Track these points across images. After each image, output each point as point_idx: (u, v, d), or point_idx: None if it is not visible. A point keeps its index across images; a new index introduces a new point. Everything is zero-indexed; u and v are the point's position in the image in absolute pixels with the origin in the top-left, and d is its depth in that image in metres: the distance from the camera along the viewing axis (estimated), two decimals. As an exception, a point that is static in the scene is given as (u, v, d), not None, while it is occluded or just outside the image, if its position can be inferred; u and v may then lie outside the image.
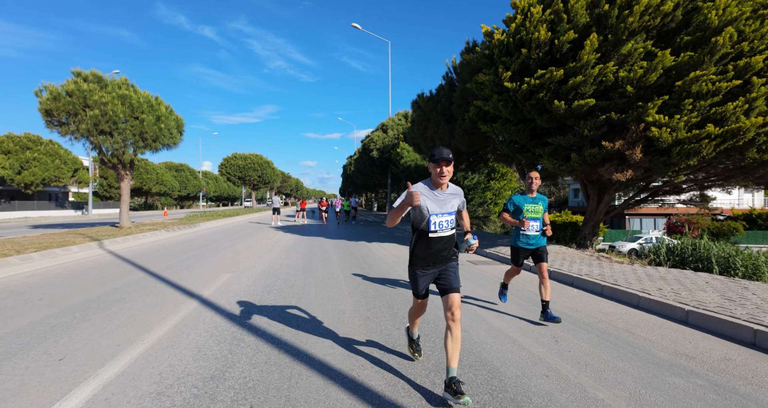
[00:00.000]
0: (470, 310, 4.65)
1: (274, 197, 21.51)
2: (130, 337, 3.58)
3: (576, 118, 8.11)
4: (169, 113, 15.17)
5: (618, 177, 7.41)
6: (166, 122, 14.64)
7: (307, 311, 4.44)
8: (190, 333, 3.68)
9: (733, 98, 6.54)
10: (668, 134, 6.69)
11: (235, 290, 5.40)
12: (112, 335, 3.62)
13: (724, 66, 6.65)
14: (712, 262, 9.16)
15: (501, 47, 8.81)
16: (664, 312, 4.54)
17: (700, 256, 9.48)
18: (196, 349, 3.31)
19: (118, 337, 3.56)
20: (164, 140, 14.78)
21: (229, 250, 9.67)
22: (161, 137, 14.60)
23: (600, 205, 9.88)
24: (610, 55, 7.49)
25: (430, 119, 12.00)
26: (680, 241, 10.22)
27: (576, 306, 4.96)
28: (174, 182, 57.53)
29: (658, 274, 6.26)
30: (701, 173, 8.59)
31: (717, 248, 9.57)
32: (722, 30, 6.42)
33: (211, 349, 3.31)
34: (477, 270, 7.52)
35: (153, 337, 3.55)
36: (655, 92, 7.23)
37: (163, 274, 6.49)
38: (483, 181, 20.18)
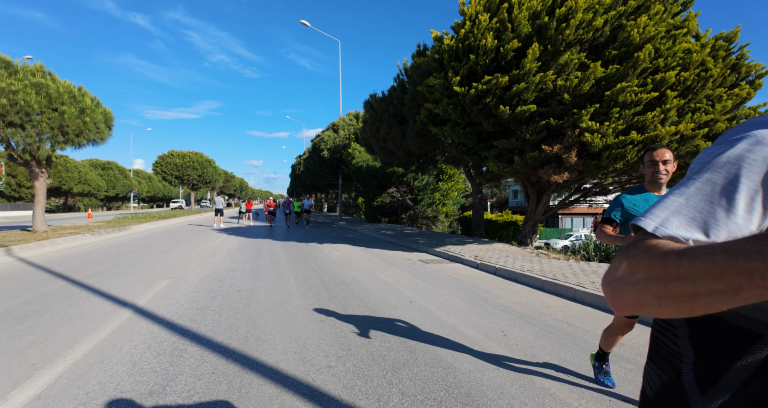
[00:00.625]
0: (424, 308, 4.70)
1: (217, 198, 20.40)
2: (49, 354, 3.16)
3: (519, 122, 8.56)
4: (95, 106, 13.78)
5: (556, 179, 7.94)
6: (91, 115, 13.28)
7: (257, 316, 4.23)
8: (124, 346, 3.33)
9: (651, 108, 7.28)
10: (599, 140, 7.29)
11: (174, 297, 5.01)
12: (25, 354, 3.17)
13: (644, 79, 7.39)
14: None
15: (450, 52, 9.07)
16: (597, 304, 4.92)
17: None
18: (131, 363, 3.00)
19: (32, 356, 3.13)
20: (89, 135, 13.40)
21: (166, 255, 8.98)
22: (86, 132, 13.22)
23: (539, 205, 10.53)
24: (550, 65, 8.00)
25: (383, 120, 12.06)
26: None
27: (521, 300, 5.21)
28: (100, 181, 52.56)
29: (591, 269, 6.79)
30: (624, 176, 9.46)
31: None
32: (643, 46, 7.12)
33: (149, 362, 3.02)
34: (429, 269, 7.66)
35: (78, 354, 3.17)
36: (588, 100, 7.84)
37: (90, 282, 5.85)
38: (432, 182, 20.70)
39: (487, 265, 7.58)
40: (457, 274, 7.18)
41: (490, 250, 9.49)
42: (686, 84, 6.98)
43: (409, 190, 20.88)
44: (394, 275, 6.88)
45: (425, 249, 10.47)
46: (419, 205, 20.68)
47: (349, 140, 22.17)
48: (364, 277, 6.69)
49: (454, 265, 8.17)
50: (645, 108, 7.33)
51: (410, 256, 9.42)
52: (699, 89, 7.07)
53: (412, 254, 9.87)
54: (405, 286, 5.95)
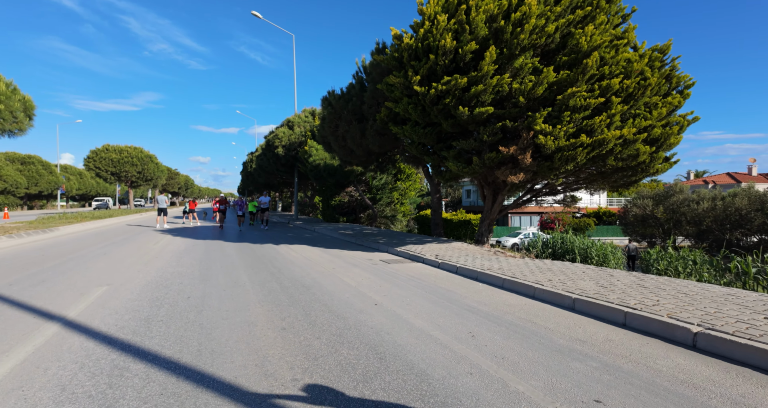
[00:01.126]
0: (390, 311, 4.59)
1: (159, 196, 19.01)
2: (-47, 383, 2.65)
3: (477, 124, 8.72)
4: (11, 92, 12.21)
5: (512, 179, 8.19)
6: (6, 103, 11.75)
7: (210, 326, 3.88)
8: (50, 367, 2.88)
9: (598, 113, 7.73)
10: (552, 142, 7.60)
11: (113, 307, 4.48)
12: None
13: (592, 85, 7.82)
14: (575, 253, 10.89)
15: (410, 51, 9.04)
16: (555, 301, 5.09)
17: (566, 248, 11.16)
18: (59, 387, 2.58)
19: (-69, 386, 2.60)
20: (5, 125, 11.86)
21: (103, 259, 8.12)
22: (0, 121, 11.67)
23: (494, 205, 10.84)
24: (505, 68, 8.22)
25: (342, 118, 11.81)
26: (551, 236, 11.88)
27: (484, 300, 5.27)
28: (19, 177, 47.19)
29: (546, 266, 7.06)
30: (572, 177, 10.00)
31: (578, 241, 11.37)
32: (590, 54, 7.52)
33: (82, 385, 2.62)
34: (391, 269, 7.57)
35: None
36: (542, 104, 8.16)
37: (3, 292, 5.09)
38: (390, 182, 20.72)
39: (449, 265, 7.63)
40: (419, 273, 7.16)
41: (449, 249, 9.60)
42: (628, 91, 7.48)
43: (368, 189, 20.76)
44: (357, 276, 6.71)
45: (386, 249, 10.39)
46: (378, 204, 20.63)
47: (305, 137, 21.60)
48: (325, 279, 6.46)
49: (415, 265, 8.15)
50: (593, 113, 7.75)
51: (371, 257, 9.29)
52: (639, 96, 7.61)
53: (374, 254, 9.75)
54: (369, 288, 5.81)
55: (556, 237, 11.48)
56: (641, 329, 3.95)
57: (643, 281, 5.60)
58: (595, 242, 11.32)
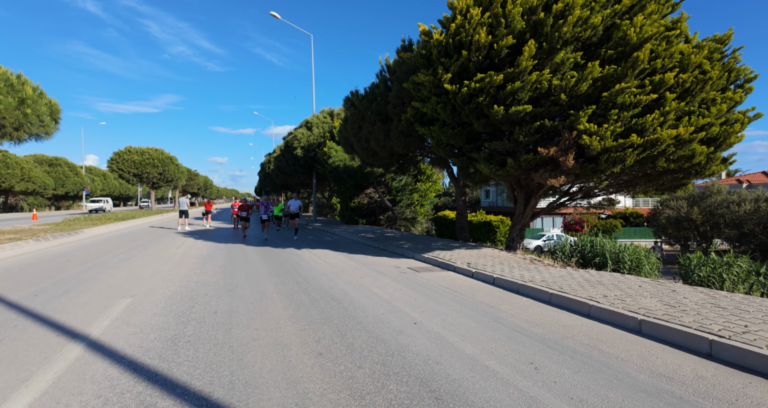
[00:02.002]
0: (433, 332, 4.16)
1: (181, 198, 19.00)
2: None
3: (512, 123, 8.20)
4: (38, 96, 12.27)
5: (552, 182, 7.64)
6: (33, 107, 11.79)
7: (242, 350, 3.53)
8: (71, 403, 2.56)
9: (649, 111, 7.11)
10: (598, 142, 7.03)
11: (137, 323, 4.19)
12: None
13: (642, 80, 7.21)
14: (606, 258, 10.23)
15: (440, 48, 8.58)
16: (616, 322, 4.56)
17: (596, 252, 10.50)
18: (78, 433, 2.26)
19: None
20: (31, 129, 11.92)
21: (126, 265, 7.95)
22: (27, 125, 11.74)
23: (527, 208, 10.28)
24: (545, 63, 7.68)
25: (365, 118, 11.44)
26: (580, 239, 11.23)
27: (534, 318, 4.78)
28: (47, 179, 48.56)
29: (594, 279, 6.50)
30: (613, 180, 9.36)
31: (609, 245, 10.69)
32: (641, 46, 6.92)
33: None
34: (422, 279, 7.13)
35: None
36: (585, 101, 7.59)
37: (28, 304, 4.88)
38: (410, 183, 20.26)
39: (484, 274, 7.15)
40: (453, 284, 6.70)
41: (481, 257, 9.10)
42: (685, 86, 6.85)
43: (388, 190, 20.35)
44: (388, 288, 6.30)
45: (412, 254, 9.95)
46: (398, 206, 20.21)
47: (324, 138, 21.33)
48: (355, 290, 6.07)
49: (447, 274, 7.70)
50: (643, 110, 7.14)
51: (398, 263, 8.87)
52: (697, 92, 6.96)
53: (400, 261, 9.33)
54: (403, 302, 5.39)
55: (584, 240, 10.84)
56: (735, 363, 3.41)
57: (716, 299, 5.01)
58: (627, 245, 10.65)
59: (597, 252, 10.36)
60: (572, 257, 10.66)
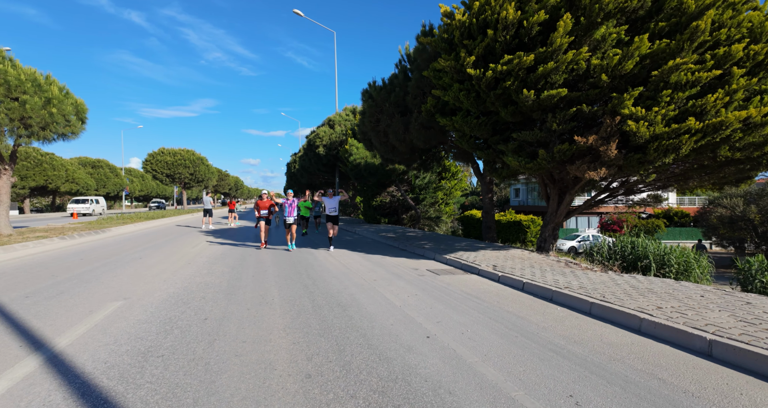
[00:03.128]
0: (448, 350, 3.48)
1: (205, 197, 19.11)
2: None
3: (544, 110, 7.35)
4: (64, 96, 12.44)
5: (591, 175, 6.74)
6: (59, 106, 11.94)
7: (218, 368, 2.99)
8: (-14, 441, 2.09)
9: (711, 90, 6.09)
10: (646, 128, 6.09)
11: (115, 332, 3.76)
12: None
13: (701, 55, 6.19)
14: (650, 260, 9.09)
15: (462, 29, 7.83)
16: (677, 341, 3.71)
17: (638, 255, 9.38)
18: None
19: None
20: (57, 128, 12.06)
21: (135, 264, 7.71)
22: (53, 124, 11.89)
23: (561, 206, 9.33)
24: (582, 41, 6.79)
25: (383, 111, 10.81)
26: (619, 240, 10.11)
27: (572, 334, 4.01)
28: (89, 180, 50.97)
29: (643, 285, 5.59)
30: (663, 173, 8.27)
31: (653, 246, 9.53)
32: (701, 15, 5.91)
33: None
34: (442, 282, 6.44)
35: None
36: (630, 82, 6.64)
37: (13, 307, 4.58)
38: (434, 181, 19.46)
39: (511, 279, 6.37)
40: (476, 290, 5.97)
41: (508, 258, 8.28)
42: (756, 59, 5.79)
43: (411, 189, 19.64)
44: (402, 293, 5.66)
45: (433, 255, 9.25)
46: (421, 204, 19.45)
47: (346, 136, 20.88)
48: (365, 295, 5.47)
49: (470, 277, 6.96)
50: (702, 90, 6.13)
51: (417, 265, 8.20)
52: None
53: (419, 262, 8.65)
54: (417, 310, 4.74)
55: (624, 241, 9.74)
56: None
57: (804, 315, 4.04)
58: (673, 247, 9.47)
59: (639, 254, 9.28)
60: (611, 259, 9.62)
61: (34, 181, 40.72)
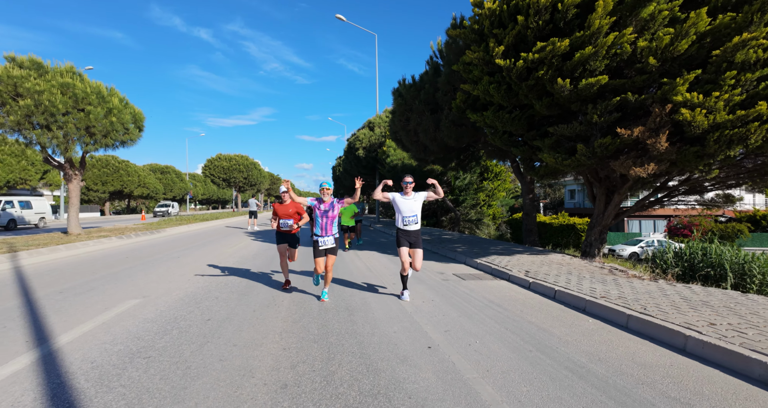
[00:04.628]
0: (447, 363, 3.12)
1: (250, 200, 19.95)
2: None
3: (583, 101, 6.65)
4: (123, 106, 13.53)
5: (638, 172, 5.96)
6: (119, 116, 12.99)
7: (196, 373, 2.89)
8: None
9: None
10: (704, 117, 5.24)
11: (118, 331, 3.83)
12: None
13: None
14: (725, 269, 7.86)
15: (492, 18, 7.35)
16: (731, 365, 3.06)
17: (711, 263, 8.15)
18: None
19: None
20: (117, 136, 13.13)
21: (169, 263, 8.07)
22: (113, 132, 12.95)
23: (608, 207, 8.43)
24: (627, 22, 6.05)
25: (413, 109, 10.50)
26: (688, 245, 8.89)
27: (597, 350, 3.46)
28: (158, 185, 55.55)
29: (698, 297, 4.78)
30: (732, 169, 7.16)
31: (730, 253, 8.26)
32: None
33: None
34: (465, 288, 6.01)
35: None
36: (684, 66, 5.79)
37: (44, 302, 4.89)
38: (475, 182, 18.70)
39: (543, 286, 5.78)
40: (501, 297, 5.48)
41: (545, 263, 7.60)
42: None
43: (450, 190, 19.03)
44: (417, 297, 5.33)
45: (464, 259, 8.76)
46: (461, 206, 18.76)
47: (385, 138, 20.76)
48: (377, 299, 5.22)
49: (498, 283, 6.45)
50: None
51: (444, 269, 7.79)
52: None
53: (447, 265, 8.22)
54: (427, 317, 4.40)
55: (694, 247, 8.55)
56: None
57: None
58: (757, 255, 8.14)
59: (713, 262, 8.09)
60: (676, 267, 8.49)
61: (113, 186, 45.12)
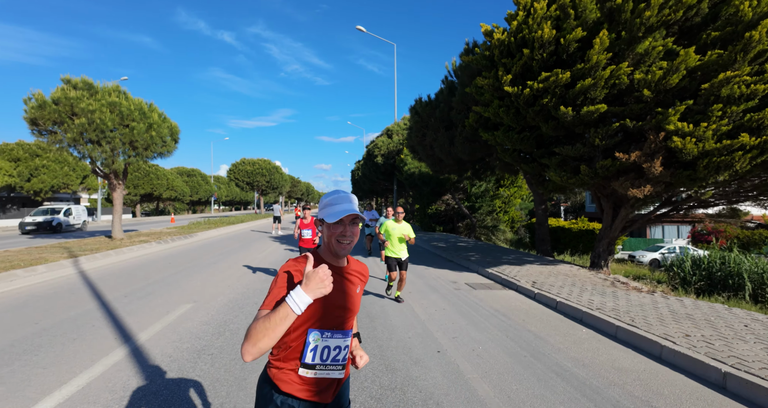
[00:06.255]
0: (452, 365, 3.81)
1: (275, 205, 20.93)
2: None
3: (586, 125, 7.19)
4: (162, 120, 14.72)
5: (635, 193, 6.47)
6: (158, 130, 14.18)
7: (251, 368, 3.67)
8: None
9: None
10: (693, 145, 5.74)
11: (182, 331, 4.68)
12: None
13: (760, 65, 5.69)
14: (744, 279, 8.16)
15: (501, 48, 7.96)
16: (694, 371, 3.63)
17: (729, 271, 8.44)
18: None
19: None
20: (156, 148, 14.32)
21: (207, 270, 9.00)
22: (153, 145, 14.14)
23: (615, 221, 8.89)
24: (624, 55, 6.57)
25: (429, 126, 11.18)
26: (707, 253, 9.17)
27: (583, 356, 4.08)
28: (185, 187, 57.89)
29: (684, 310, 5.30)
30: (733, 186, 7.54)
31: (749, 262, 8.51)
32: (758, 23, 5.46)
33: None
34: (474, 297, 6.66)
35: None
36: (677, 96, 6.28)
37: (115, 305, 5.82)
38: (491, 189, 19.19)
39: (546, 297, 6.37)
40: (507, 307, 6.10)
41: (552, 274, 8.15)
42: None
43: (466, 197, 19.57)
44: (431, 306, 6.01)
45: (476, 268, 9.37)
46: (477, 213, 19.28)
47: (402, 145, 21.46)
48: (395, 307, 5.93)
49: (505, 293, 7.06)
50: (761, 103, 5.62)
51: (457, 278, 8.43)
52: None
53: (461, 274, 8.86)
54: (438, 325, 5.08)
55: (713, 256, 8.85)
56: None
57: None
58: None
59: (732, 271, 8.35)
60: (694, 276, 8.80)
61: (143, 189, 47.37)
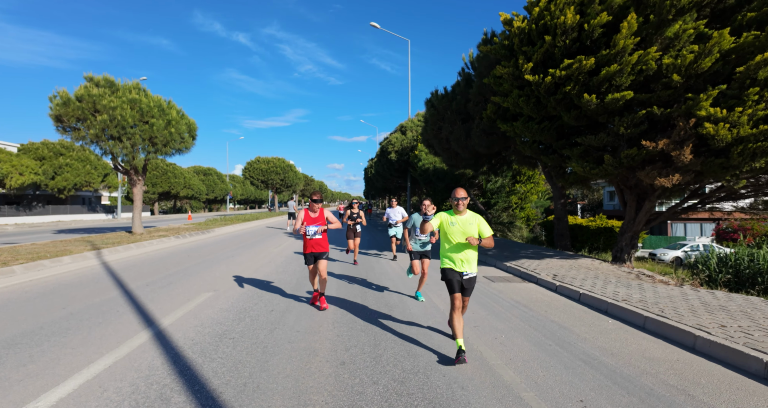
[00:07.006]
0: (475, 352, 3.72)
1: (289, 202, 21.08)
2: (35, 391, 2.89)
3: (610, 114, 6.98)
4: (180, 117, 14.94)
5: (662, 182, 6.24)
6: (176, 126, 14.40)
7: (273, 350, 3.66)
8: (109, 388, 2.94)
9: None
10: (727, 131, 5.50)
11: (203, 317, 4.70)
12: (9, 391, 2.91)
13: (800, 45, 5.40)
14: None
15: (522, 36, 7.79)
16: (732, 361, 3.46)
17: (759, 269, 8.12)
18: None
19: (16, 393, 2.87)
20: (175, 145, 14.54)
21: (225, 262, 9.08)
22: (171, 142, 14.36)
23: (639, 213, 8.62)
24: (652, 40, 6.34)
25: (445, 118, 11.04)
26: (734, 251, 8.84)
27: (612, 346, 3.93)
28: (201, 186, 58.85)
29: (717, 302, 5.08)
30: (766, 176, 7.22)
31: None
32: (798, 0, 5.19)
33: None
34: (494, 289, 6.54)
35: (56, 395, 2.83)
36: (709, 81, 6.03)
37: (138, 293, 5.90)
38: (507, 185, 18.90)
39: (569, 289, 6.21)
40: (527, 298, 5.97)
41: (573, 268, 7.95)
42: None
43: (481, 193, 19.33)
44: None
45: (494, 262, 9.22)
46: (493, 209, 19.02)
47: (417, 141, 21.33)
48: (414, 299, 5.85)
49: (525, 286, 6.91)
50: (802, 84, 5.34)
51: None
52: None
53: (478, 268, 8.71)
54: (458, 316, 4.98)
55: (741, 253, 8.51)
56: None
57: None
58: None
59: (761, 268, 8.04)
60: (720, 274, 8.50)
61: (161, 187, 48.33)
